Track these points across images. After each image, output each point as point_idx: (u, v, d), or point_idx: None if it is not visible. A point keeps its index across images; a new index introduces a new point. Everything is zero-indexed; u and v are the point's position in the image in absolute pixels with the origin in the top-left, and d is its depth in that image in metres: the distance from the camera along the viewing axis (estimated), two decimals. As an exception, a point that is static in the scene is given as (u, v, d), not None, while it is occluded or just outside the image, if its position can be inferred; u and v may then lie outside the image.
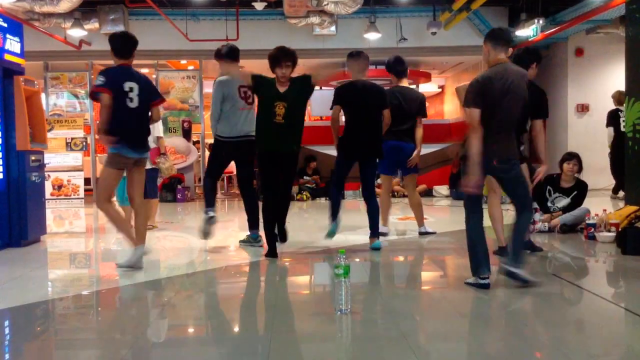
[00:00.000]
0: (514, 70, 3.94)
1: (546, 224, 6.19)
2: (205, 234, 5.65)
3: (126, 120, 4.57)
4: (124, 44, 4.64)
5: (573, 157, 6.30)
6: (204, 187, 5.99)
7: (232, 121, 5.45)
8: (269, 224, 5.12)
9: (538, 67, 4.92)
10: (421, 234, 6.21)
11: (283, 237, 5.42)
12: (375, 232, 5.50)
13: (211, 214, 5.68)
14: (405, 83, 6.07)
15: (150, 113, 4.75)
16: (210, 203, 5.75)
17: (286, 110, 4.83)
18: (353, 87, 5.37)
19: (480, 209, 4.07)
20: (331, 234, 5.46)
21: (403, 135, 5.89)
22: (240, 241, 5.82)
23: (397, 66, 5.99)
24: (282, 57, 4.86)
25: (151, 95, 4.74)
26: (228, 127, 5.47)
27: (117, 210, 4.96)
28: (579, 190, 6.31)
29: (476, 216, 4.04)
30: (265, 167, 5.14)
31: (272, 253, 5.09)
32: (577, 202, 6.28)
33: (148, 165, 7.14)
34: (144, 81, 4.66)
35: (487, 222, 4.40)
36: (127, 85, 4.50)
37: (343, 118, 5.49)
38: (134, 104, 4.53)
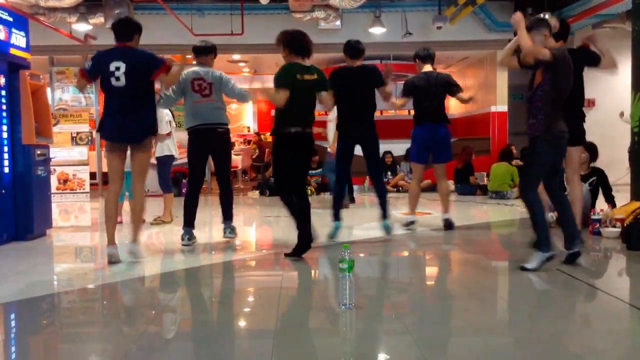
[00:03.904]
0: None
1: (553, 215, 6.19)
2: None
3: (108, 102, 4.64)
4: (118, 27, 4.68)
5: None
6: (184, 204, 5.65)
7: (192, 112, 5.51)
8: (296, 216, 4.78)
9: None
10: (445, 221, 6.24)
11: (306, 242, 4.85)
12: (385, 213, 5.54)
13: (186, 240, 5.40)
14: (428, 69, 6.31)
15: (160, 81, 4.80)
16: (188, 222, 5.51)
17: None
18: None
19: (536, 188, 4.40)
20: (333, 234, 5.41)
21: (432, 115, 6.09)
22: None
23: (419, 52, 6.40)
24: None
25: (149, 68, 4.61)
26: (190, 117, 5.53)
27: (113, 202, 4.73)
28: (598, 177, 6.31)
29: (533, 193, 4.34)
30: (280, 152, 4.87)
31: (299, 250, 4.76)
32: (597, 188, 6.30)
33: (159, 153, 7.19)
34: (136, 59, 4.55)
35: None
36: (113, 65, 4.50)
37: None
38: (120, 82, 4.50)
